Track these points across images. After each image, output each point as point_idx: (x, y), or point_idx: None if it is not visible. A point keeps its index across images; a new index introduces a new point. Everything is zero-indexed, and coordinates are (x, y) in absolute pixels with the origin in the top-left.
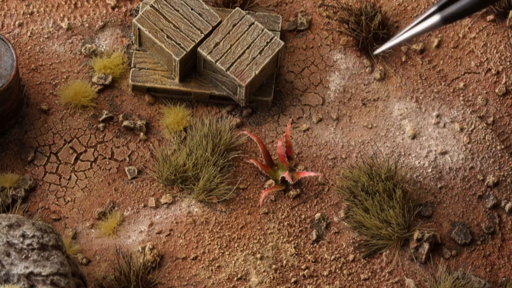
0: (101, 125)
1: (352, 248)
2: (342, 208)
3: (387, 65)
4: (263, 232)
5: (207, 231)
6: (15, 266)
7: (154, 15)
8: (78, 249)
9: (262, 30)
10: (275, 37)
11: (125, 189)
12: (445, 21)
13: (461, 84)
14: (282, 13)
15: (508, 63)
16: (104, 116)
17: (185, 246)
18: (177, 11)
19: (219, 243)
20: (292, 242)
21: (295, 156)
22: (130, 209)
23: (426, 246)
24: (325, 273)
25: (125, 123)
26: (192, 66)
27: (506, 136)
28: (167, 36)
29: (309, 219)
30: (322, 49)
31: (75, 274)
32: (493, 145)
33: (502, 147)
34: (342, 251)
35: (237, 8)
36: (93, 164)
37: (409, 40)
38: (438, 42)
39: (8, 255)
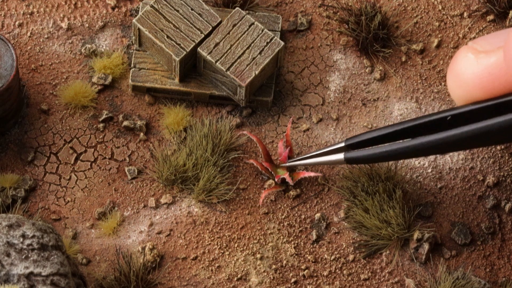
0: (101, 125)
1: (352, 248)
2: (342, 208)
3: (387, 65)
4: (263, 232)
5: (207, 231)
6: (15, 266)
7: (154, 15)
8: (78, 249)
9: (262, 30)
10: (275, 37)
11: (125, 189)
12: (348, 161)
13: None
14: (282, 13)
15: None
16: (104, 116)
17: (185, 246)
18: (177, 11)
19: (219, 243)
20: (292, 242)
21: (295, 156)
22: (130, 209)
23: (426, 246)
24: (325, 273)
25: (125, 123)
26: (192, 66)
27: None
28: (167, 36)
29: (309, 219)
30: (322, 49)
31: (75, 274)
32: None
33: (502, 147)
34: (342, 251)
35: (237, 8)
36: (93, 164)
37: (312, 165)
38: (438, 42)
39: (8, 255)
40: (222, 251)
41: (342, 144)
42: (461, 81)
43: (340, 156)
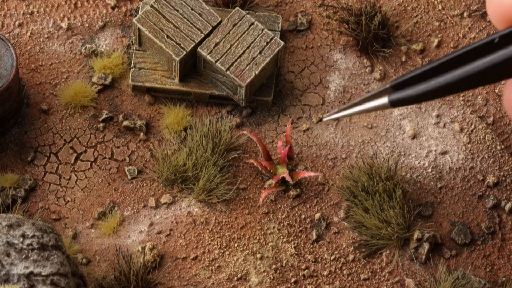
0: (101, 125)
1: (352, 248)
2: (342, 208)
3: (387, 65)
4: (263, 232)
5: (207, 231)
6: (15, 266)
7: (154, 15)
8: (78, 249)
9: (262, 30)
10: (275, 37)
11: (125, 189)
12: (393, 104)
13: None
14: (282, 13)
15: None
16: (104, 116)
17: (185, 246)
18: (177, 11)
19: (219, 243)
20: (292, 242)
21: (295, 156)
22: (130, 209)
23: (426, 246)
24: (325, 273)
25: (125, 123)
26: (192, 66)
27: (506, 136)
28: (167, 36)
29: (309, 219)
30: (322, 49)
31: (75, 274)
32: (493, 145)
33: (502, 147)
34: (342, 251)
35: (237, 8)
36: (93, 164)
37: (355, 115)
38: (438, 42)
39: (8, 255)
40: (222, 251)
41: (388, 86)
42: (505, 4)
43: (384, 100)
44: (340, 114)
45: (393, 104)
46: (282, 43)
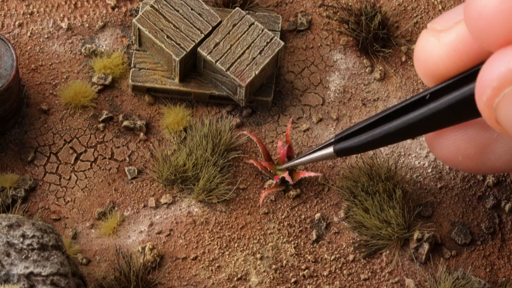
0: (101, 125)
1: (352, 248)
2: (342, 208)
3: (387, 65)
4: (263, 232)
5: (207, 231)
6: (15, 266)
7: (154, 15)
8: (78, 249)
9: (262, 30)
10: (275, 37)
11: (125, 189)
12: (338, 154)
13: None
14: (282, 13)
15: None
16: (104, 116)
17: (185, 246)
18: (177, 11)
19: (219, 243)
20: (292, 242)
21: (295, 156)
22: (130, 209)
23: (426, 246)
24: (325, 273)
25: (125, 123)
26: (192, 66)
27: None
28: (167, 36)
29: (309, 219)
30: (322, 49)
31: (75, 274)
32: None
33: None
34: (342, 251)
35: (237, 8)
36: (93, 164)
37: (306, 164)
38: None
39: (8, 255)
40: (222, 251)
41: (333, 140)
42: (429, 67)
43: (330, 150)
44: (293, 163)
45: (338, 153)
46: (282, 43)
